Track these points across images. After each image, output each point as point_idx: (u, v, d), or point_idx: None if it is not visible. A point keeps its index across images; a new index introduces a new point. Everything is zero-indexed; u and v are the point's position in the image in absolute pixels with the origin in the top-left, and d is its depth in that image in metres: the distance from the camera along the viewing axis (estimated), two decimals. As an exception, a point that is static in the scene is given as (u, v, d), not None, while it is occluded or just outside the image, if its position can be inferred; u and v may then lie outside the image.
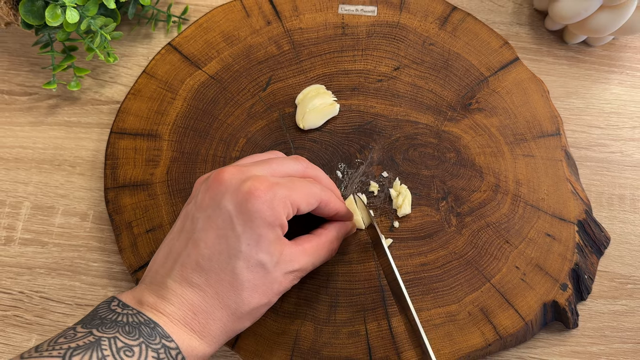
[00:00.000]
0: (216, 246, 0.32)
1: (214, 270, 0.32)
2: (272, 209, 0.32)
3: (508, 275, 0.42)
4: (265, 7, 0.50)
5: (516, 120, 0.47)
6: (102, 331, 0.29)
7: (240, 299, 0.32)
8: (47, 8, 0.43)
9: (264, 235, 0.32)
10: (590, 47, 0.53)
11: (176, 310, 0.31)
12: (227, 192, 0.33)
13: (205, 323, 0.32)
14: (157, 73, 0.48)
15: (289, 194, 0.33)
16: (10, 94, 0.51)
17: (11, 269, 0.45)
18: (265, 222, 0.32)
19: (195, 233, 0.33)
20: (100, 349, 0.28)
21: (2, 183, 0.48)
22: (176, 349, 0.30)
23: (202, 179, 0.36)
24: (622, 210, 0.47)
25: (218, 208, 0.32)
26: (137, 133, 0.46)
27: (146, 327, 0.30)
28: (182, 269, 0.32)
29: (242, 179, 0.33)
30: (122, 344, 0.28)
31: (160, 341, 0.30)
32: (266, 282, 0.33)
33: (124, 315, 0.30)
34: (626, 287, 0.45)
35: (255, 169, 0.34)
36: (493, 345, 0.41)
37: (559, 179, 0.45)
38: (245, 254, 0.32)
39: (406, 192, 0.44)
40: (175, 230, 0.35)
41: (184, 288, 0.32)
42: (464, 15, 0.50)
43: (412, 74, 0.48)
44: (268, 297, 0.33)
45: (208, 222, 0.33)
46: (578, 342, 0.43)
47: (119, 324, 0.30)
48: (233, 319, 0.33)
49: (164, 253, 0.34)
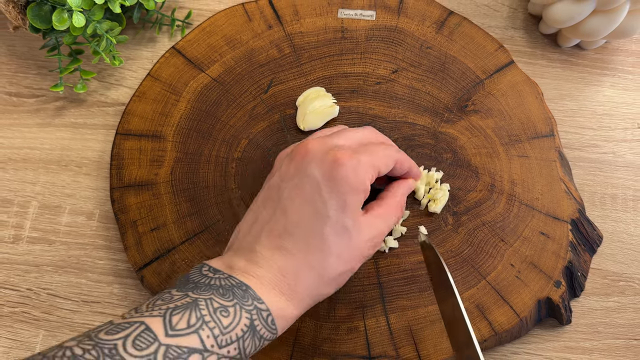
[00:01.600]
0: (304, 212, 0.32)
1: (301, 235, 0.32)
2: (357, 175, 0.33)
3: (503, 272, 0.42)
4: (266, 12, 0.50)
5: (511, 122, 0.47)
6: (197, 293, 0.29)
7: (328, 263, 0.32)
8: (55, 12, 0.43)
9: (349, 201, 0.32)
10: (583, 50, 0.53)
11: (265, 273, 0.31)
12: (312, 161, 0.33)
13: (294, 285, 0.32)
14: (162, 76, 0.48)
15: (371, 159, 0.34)
16: (19, 96, 0.51)
17: (19, 266, 0.45)
18: (352, 188, 0.32)
19: (282, 201, 0.33)
20: (198, 309, 0.28)
21: (11, 183, 0.48)
22: (267, 311, 0.30)
23: (285, 153, 0.36)
24: (615, 209, 0.47)
25: (305, 176, 0.33)
26: (141, 134, 0.46)
27: (239, 289, 0.30)
28: (269, 235, 0.33)
29: (325, 149, 0.33)
30: (217, 304, 0.29)
31: (253, 303, 0.30)
32: (351, 247, 0.33)
33: (216, 279, 0.31)
34: (618, 284, 0.45)
35: (337, 140, 0.35)
36: (489, 341, 0.41)
37: (553, 179, 0.45)
38: (332, 219, 0.32)
39: (445, 191, 0.44)
40: (260, 200, 0.35)
41: (273, 252, 0.32)
42: (460, 20, 0.50)
43: (410, 77, 0.48)
44: (351, 263, 0.33)
45: (295, 190, 0.33)
46: (571, 338, 0.43)
47: (212, 287, 0.30)
48: (320, 282, 0.32)
49: (250, 222, 0.34)
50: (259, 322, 0.30)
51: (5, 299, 0.44)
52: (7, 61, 0.52)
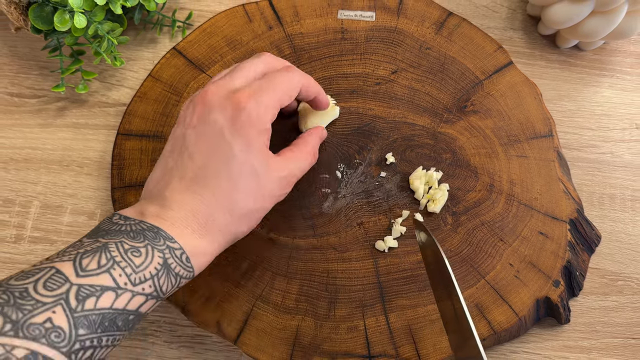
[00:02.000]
0: (210, 155, 0.33)
1: (210, 177, 0.33)
2: (258, 116, 0.34)
3: (502, 272, 0.42)
4: (267, 13, 0.50)
5: (510, 122, 0.47)
6: (107, 238, 0.30)
7: (236, 200, 0.33)
8: (56, 13, 0.43)
9: (253, 141, 0.34)
10: (582, 51, 0.53)
11: (176, 214, 0.32)
12: (213, 108, 0.34)
13: (205, 223, 0.33)
14: (163, 76, 0.48)
15: (272, 96, 0.35)
16: (20, 97, 0.51)
17: (21, 266, 0.45)
18: (254, 128, 0.34)
19: (188, 148, 0.34)
20: (108, 251, 0.29)
21: (12, 183, 0.48)
22: (180, 249, 0.31)
23: (186, 104, 0.37)
24: (613, 209, 0.47)
25: (207, 123, 0.34)
26: (143, 134, 0.46)
27: (150, 232, 0.31)
28: (180, 180, 0.33)
29: (226, 94, 0.34)
30: (128, 246, 0.29)
31: (165, 242, 0.31)
32: (259, 185, 0.34)
33: (127, 225, 0.31)
34: (616, 283, 0.45)
35: (235, 81, 0.35)
36: (488, 340, 0.41)
37: (552, 179, 0.45)
38: (238, 158, 0.33)
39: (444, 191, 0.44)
40: (167, 151, 0.36)
41: (183, 195, 0.33)
42: (459, 21, 0.50)
43: (410, 77, 0.48)
44: (262, 201, 0.35)
45: (200, 137, 0.34)
46: (570, 337, 0.43)
47: (123, 232, 0.31)
48: (231, 219, 0.34)
49: (159, 171, 0.35)
50: (172, 261, 0.31)
51: (7, 299, 0.44)
52: (9, 62, 0.52)
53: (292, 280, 0.42)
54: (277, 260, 0.42)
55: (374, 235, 0.43)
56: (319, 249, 0.43)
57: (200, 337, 0.43)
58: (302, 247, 0.43)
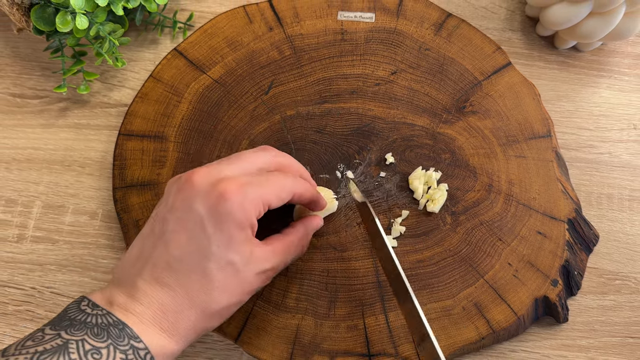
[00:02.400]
0: (187, 247, 0.31)
1: (184, 271, 0.31)
2: (243, 210, 0.31)
3: (501, 271, 0.42)
4: (267, 14, 0.50)
5: (509, 123, 0.47)
6: (70, 333, 0.28)
7: (210, 299, 0.31)
8: (58, 15, 0.43)
9: (235, 236, 0.31)
10: (580, 52, 0.53)
11: (146, 310, 0.31)
12: (198, 194, 0.32)
13: (175, 322, 0.31)
14: (164, 77, 0.48)
15: (260, 193, 0.33)
16: (23, 97, 0.51)
17: (23, 265, 0.45)
18: (236, 223, 0.31)
19: (166, 234, 0.32)
20: (67, 353, 0.27)
21: (15, 183, 0.48)
22: (145, 349, 0.30)
23: (173, 181, 0.35)
24: (611, 209, 0.47)
25: (189, 210, 0.32)
26: (144, 135, 0.46)
27: (115, 328, 0.29)
28: (152, 269, 0.31)
29: (213, 181, 0.32)
30: (89, 346, 0.28)
31: (129, 342, 0.29)
32: (236, 281, 0.32)
33: (93, 316, 0.30)
34: (614, 282, 0.45)
35: (226, 169, 0.33)
36: (486, 339, 0.41)
37: (550, 179, 0.45)
38: (215, 255, 0.31)
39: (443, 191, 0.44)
40: (146, 231, 0.34)
41: (154, 288, 0.31)
42: (458, 22, 0.50)
43: (409, 78, 0.48)
44: (238, 296, 0.33)
45: (179, 224, 0.32)
46: (568, 336, 0.43)
47: (87, 326, 0.29)
48: (203, 317, 0.32)
49: (135, 254, 0.33)
50: None
51: (10, 298, 0.44)
52: (11, 63, 0.52)
53: (292, 280, 0.42)
54: (277, 260, 0.42)
55: (373, 235, 0.43)
56: (318, 248, 0.43)
57: (202, 336, 0.43)
58: (302, 247, 0.43)
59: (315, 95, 0.47)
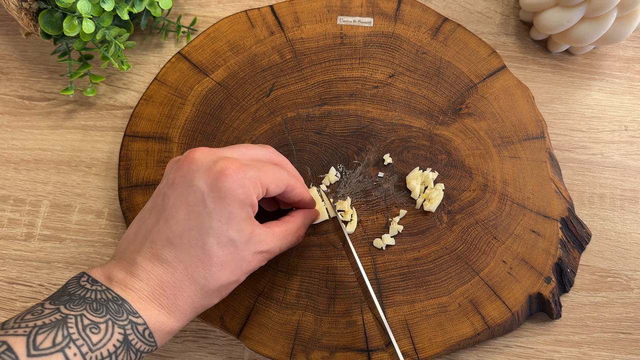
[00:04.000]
0: (187, 222, 0.31)
1: (184, 246, 0.31)
2: (243, 187, 0.31)
3: (496, 269, 0.42)
4: (268, 19, 0.50)
5: (503, 124, 0.47)
6: (69, 308, 0.28)
7: (210, 275, 0.31)
8: (65, 19, 0.43)
9: (235, 212, 0.31)
10: (573, 55, 0.53)
11: (144, 286, 0.30)
12: (198, 170, 0.31)
13: (174, 298, 0.31)
14: (168, 80, 0.48)
15: (259, 175, 0.32)
16: (31, 100, 0.51)
17: (31, 263, 0.45)
18: (237, 200, 0.31)
19: (166, 210, 0.31)
20: (66, 327, 0.27)
21: (23, 183, 0.48)
22: (143, 325, 0.29)
23: (174, 160, 0.34)
24: (603, 208, 0.48)
25: (190, 186, 0.31)
26: (149, 136, 0.46)
27: (114, 303, 0.29)
28: (152, 245, 0.31)
29: (213, 159, 0.32)
30: (88, 321, 0.27)
31: (127, 317, 0.29)
32: (235, 259, 0.31)
33: (92, 291, 0.29)
34: (606, 280, 0.45)
35: (226, 151, 0.33)
36: (482, 335, 0.41)
37: (543, 179, 0.45)
38: (216, 231, 0.30)
39: (439, 191, 0.43)
40: (147, 208, 0.33)
41: (154, 264, 0.31)
42: (454, 26, 0.50)
43: (406, 81, 0.48)
44: (237, 274, 0.32)
45: (179, 200, 0.31)
46: (561, 332, 0.43)
47: (87, 301, 0.28)
48: (201, 294, 0.31)
49: (135, 230, 0.33)
50: (134, 336, 0.29)
51: (18, 294, 0.44)
52: (20, 66, 0.52)
53: (292, 277, 0.42)
54: (278, 258, 0.42)
55: (372, 233, 0.43)
56: (318, 246, 0.43)
57: (205, 331, 0.43)
58: (302, 245, 0.43)
59: (316, 97, 0.48)
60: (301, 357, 0.40)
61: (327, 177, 0.44)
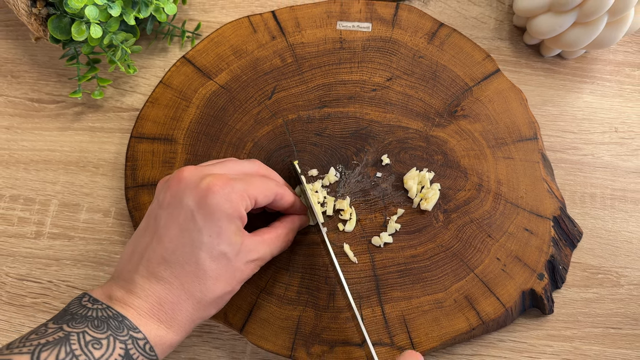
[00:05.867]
0: (179, 240, 0.31)
1: (178, 263, 0.31)
2: (231, 201, 0.31)
3: (490, 266, 0.42)
4: (270, 24, 0.50)
5: (497, 126, 0.47)
6: (71, 326, 0.28)
7: (205, 288, 0.31)
8: (74, 24, 0.43)
9: (225, 227, 0.31)
10: (564, 59, 0.53)
11: (143, 303, 0.30)
12: (187, 189, 0.32)
13: (172, 313, 0.31)
14: (173, 83, 0.48)
15: (246, 188, 0.33)
16: (40, 102, 0.51)
17: (41, 260, 0.45)
18: (225, 214, 0.31)
19: (159, 230, 0.32)
20: (68, 344, 0.27)
21: (33, 182, 0.48)
22: (144, 339, 0.29)
23: (164, 180, 0.35)
24: (593, 207, 0.48)
25: (179, 204, 0.31)
26: (154, 137, 0.46)
27: (114, 320, 0.29)
28: (148, 264, 0.31)
29: (200, 177, 0.32)
30: (90, 337, 0.28)
31: (128, 333, 0.29)
32: (229, 271, 0.32)
33: (93, 310, 0.30)
34: (597, 276, 0.45)
35: (213, 168, 0.34)
36: (476, 330, 0.41)
37: (536, 179, 0.45)
38: (207, 245, 0.31)
39: (435, 191, 0.44)
40: (141, 228, 0.34)
41: (150, 281, 0.31)
42: (450, 31, 0.50)
43: (404, 84, 0.48)
44: (231, 285, 0.32)
45: (170, 218, 0.32)
46: (553, 327, 0.43)
47: (88, 319, 0.29)
48: (199, 307, 0.32)
49: (130, 251, 0.33)
50: (135, 351, 0.29)
51: (28, 291, 0.44)
52: (30, 69, 0.52)
53: (294, 274, 0.42)
54: (279, 255, 0.42)
55: (370, 232, 0.43)
56: (319, 244, 0.43)
57: (208, 326, 0.43)
58: (303, 243, 0.43)
59: (316, 100, 0.47)
60: (302, 351, 0.40)
61: (327, 177, 0.44)
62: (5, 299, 0.44)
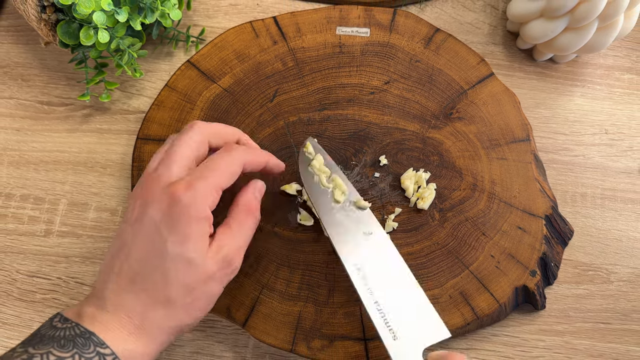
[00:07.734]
0: (146, 252, 0.30)
1: (146, 274, 0.30)
2: (195, 206, 0.30)
3: (484, 263, 0.42)
4: (272, 29, 0.50)
5: (491, 128, 0.47)
6: (37, 348, 0.27)
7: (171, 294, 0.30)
8: (82, 30, 0.43)
9: (189, 232, 0.30)
10: (556, 63, 0.53)
11: (111, 317, 0.30)
12: (152, 202, 0.31)
13: (141, 324, 0.30)
14: (178, 86, 0.48)
15: (208, 182, 0.31)
16: (50, 105, 0.51)
17: (50, 257, 0.45)
18: (191, 219, 0.30)
19: (126, 245, 0.31)
20: None
21: (42, 182, 0.48)
22: (111, 355, 0.28)
23: (129, 196, 0.34)
24: (584, 206, 0.48)
25: (145, 218, 0.31)
26: (160, 139, 0.46)
27: (81, 337, 0.28)
28: (117, 278, 0.31)
29: (162, 188, 0.31)
30: (54, 357, 0.27)
31: (95, 349, 0.28)
32: (199, 274, 0.31)
33: (62, 329, 0.29)
34: (587, 273, 0.45)
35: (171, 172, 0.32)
36: (471, 325, 0.41)
37: (529, 179, 0.45)
38: (171, 254, 0.30)
39: (432, 190, 0.44)
40: (112, 245, 0.33)
41: (120, 295, 0.30)
42: (445, 36, 0.50)
43: (401, 87, 0.48)
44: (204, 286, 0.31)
45: (137, 234, 0.31)
46: (545, 322, 0.43)
47: (55, 339, 0.28)
48: (168, 315, 0.31)
49: (103, 267, 0.32)
50: None
51: (38, 287, 0.45)
52: (39, 73, 0.52)
53: (294, 270, 0.42)
54: (281, 253, 0.42)
55: (368, 230, 0.43)
56: (319, 242, 0.43)
57: (212, 321, 0.43)
58: (303, 240, 0.43)
59: (316, 103, 0.48)
60: (302, 345, 0.40)
61: None
62: (16, 295, 0.44)
